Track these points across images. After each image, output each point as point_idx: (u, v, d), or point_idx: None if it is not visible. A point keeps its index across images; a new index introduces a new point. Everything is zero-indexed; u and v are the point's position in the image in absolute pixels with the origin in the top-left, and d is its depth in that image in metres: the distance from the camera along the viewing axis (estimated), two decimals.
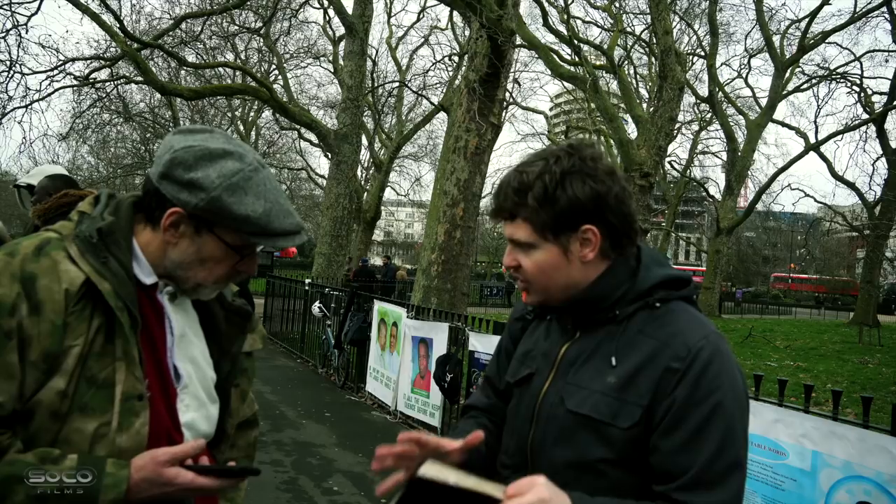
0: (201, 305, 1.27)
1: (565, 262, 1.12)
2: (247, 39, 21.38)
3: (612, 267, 1.14)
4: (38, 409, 1.02)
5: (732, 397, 1.04)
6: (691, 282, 1.17)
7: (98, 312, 1.07)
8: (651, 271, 1.14)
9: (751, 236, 53.13)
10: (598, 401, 1.08)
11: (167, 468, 1.04)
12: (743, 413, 1.06)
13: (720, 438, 1.01)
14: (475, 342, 5.30)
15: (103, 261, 1.08)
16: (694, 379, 1.03)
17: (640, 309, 1.11)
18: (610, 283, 1.13)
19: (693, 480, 1.00)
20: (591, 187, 1.08)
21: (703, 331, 1.08)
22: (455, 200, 8.84)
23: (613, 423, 1.06)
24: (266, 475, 4.66)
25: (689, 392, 1.03)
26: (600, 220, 1.09)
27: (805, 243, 37.17)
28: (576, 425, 1.09)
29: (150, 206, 1.15)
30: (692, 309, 1.14)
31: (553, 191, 1.08)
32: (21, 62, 14.74)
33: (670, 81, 11.13)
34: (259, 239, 1.15)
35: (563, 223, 1.09)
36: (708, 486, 1.00)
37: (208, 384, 1.23)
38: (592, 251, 1.11)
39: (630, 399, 1.05)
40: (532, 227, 1.11)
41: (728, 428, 1.02)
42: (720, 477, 1.00)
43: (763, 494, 2.59)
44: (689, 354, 1.04)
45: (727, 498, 1.01)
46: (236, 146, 1.16)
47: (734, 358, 1.09)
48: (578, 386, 1.11)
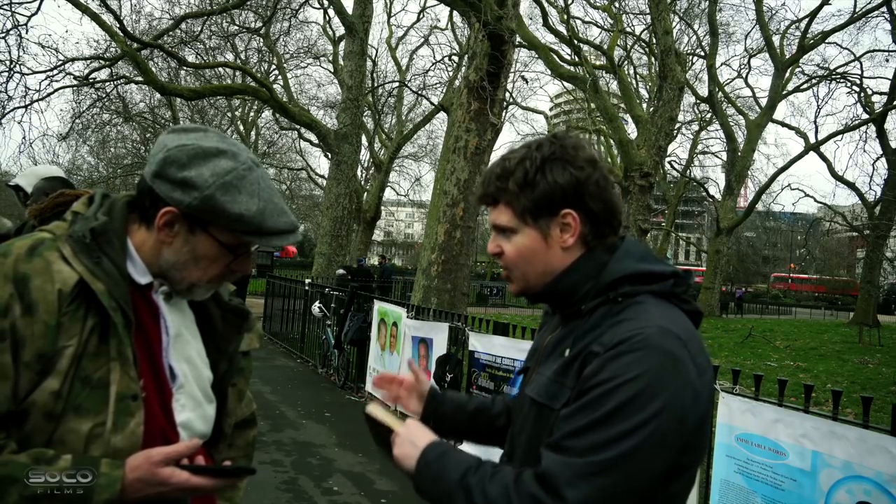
0: (197, 305, 1.26)
1: (545, 246, 1.13)
2: (247, 39, 21.38)
3: (581, 259, 1.13)
4: (32, 409, 1.02)
5: (643, 389, 0.96)
6: (670, 277, 1.11)
7: (92, 312, 1.06)
8: (620, 264, 1.11)
9: (751, 236, 53.09)
10: (542, 384, 1.12)
11: (162, 468, 1.03)
12: (660, 413, 0.95)
13: (599, 419, 0.96)
14: (475, 342, 5.29)
15: (96, 261, 1.08)
16: (602, 360, 1.00)
17: (602, 303, 1.10)
18: (573, 277, 1.13)
19: (553, 442, 1.00)
20: (570, 173, 1.10)
21: (642, 323, 1.02)
22: (455, 200, 8.84)
23: (551, 405, 1.08)
24: (266, 475, 4.65)
25: (593, 371, 1.00)
26: (580, 206, 1.11)
27: (805, 243, 37.18)
28: (529, 410, 1.14)
29: (145, 205, 1.14)
30: (662, 305, 1.08)
31: (533, 176, 1.11)
32: (21, 62, 14.72)
33: (670, 81, 11.12)
34: (253, 238, 1.15)
35: (542, 207, 1.11)
36: (562, 451, 0.98)
37: (204, 384, 1.23)
38: (572, 236, 1.12)
39: (566, 383, 1.07)
40: (513, 212, 1.13)
41: (615, 412, 0.95)
42: (579, 451, 0.96)
43: (763, 494, 2.59)
44: (612, 341, 1.01)
45: (569, 469, 0.95)
46: (230, 145, 1.15)
47: (679, 357, 0.99)
48: (541, 374, 1.15)
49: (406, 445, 1.13)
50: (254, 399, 1.49)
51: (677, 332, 1.02)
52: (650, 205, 12.47)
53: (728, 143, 25.15)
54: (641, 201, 11.99)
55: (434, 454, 1.09)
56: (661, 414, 0.96)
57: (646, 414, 0.95)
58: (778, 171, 24.70)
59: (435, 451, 1.10)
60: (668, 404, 0.97)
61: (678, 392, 0.98)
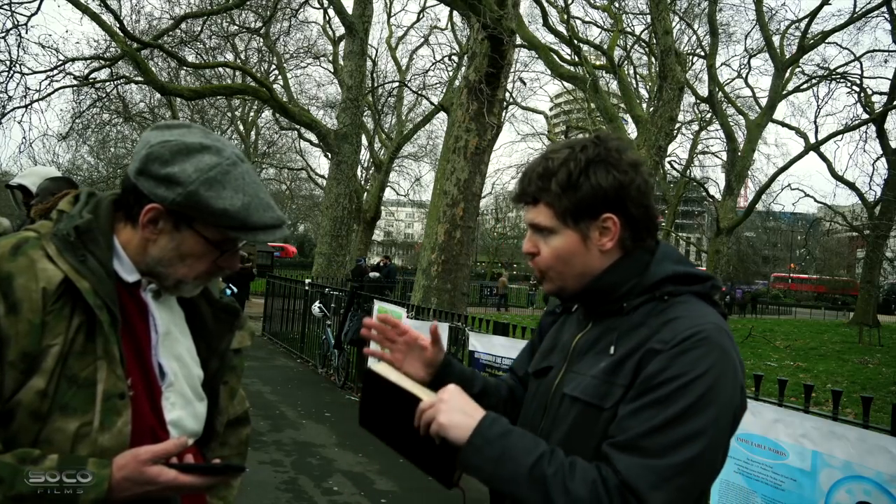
0: (187, 303, 1.25)
1: (583, 248, 1.13)
2: (247, 39, 21.39)
3: (623, 259, 1.14)
4: (17, 409, 1.00)
5: (711, 386, 0.98)
6: (709, 280, 1.15)
7: (78, 311, 1.05)
8: (663, 266, 1.13)
9: (751, 236, 53.10)
10: (589, 384, 1.09)
11: (149, 466, 1.02)
12: (722, 410, 0.99)
13: (674, 416, 0.97)
14: (475, 342, 5.28)
15: (81, 259, 1.07)
16: (669, 357, 1.00)
17: (646, 301, 1.11)
18: (619, 275, 1.13)
19: (626, 442, 0.98)
20: (614, 177, 1.10)
21: (700, 321, 1.04)
22: (455, 200, 8.82)
23: (601, 404, 1.06)
24: (266, 475, 4.65)
25: (660, 367, 1.00)
26: (621, 210, 1.11)
27: (805, 243, 37.20)
28: (570, 408, 1.11)
29: (129, 203, 1.13)
30: (704, 305, 1.11)
31: (577, 177, 1.10)
32: (21, 62, 14.76)
33: (670, 81, 11.11)
34: (239, 233, 1.13)
35: (584, 210, 1.11)
36: (640, 452, 0.97)
37: (195, 382, 1.21)
38: (611, 240, 1.12)
39: (617, 381, 1.06)
40: (553, 212, 1.12)
41: (689, 410, 0.97)
42: (658, 451, 0.96)
43: (763, 494, 2.58)
44: (674, 339, 1.02)
45: (653, 473, 0.95)
46: (214, 140, 1.14)
47: (732, 356, 1.03)
48: (578, 373, 1.14)
49: (455, 413, 1.05)
50: (253, 399, 1.47)
51: (727, 331, 1.06)
52: None
53: (728, 143, 25.12)
54: None
55: (495, 431, 1.03)
56: (724, 409, 1.00)
57: (715, 409, 0.98)
58: (778, 171, 24.69)
59: (495, 427, 1.04)
60: (729, 400, 1.01)
61: (732, 387, 1.02)
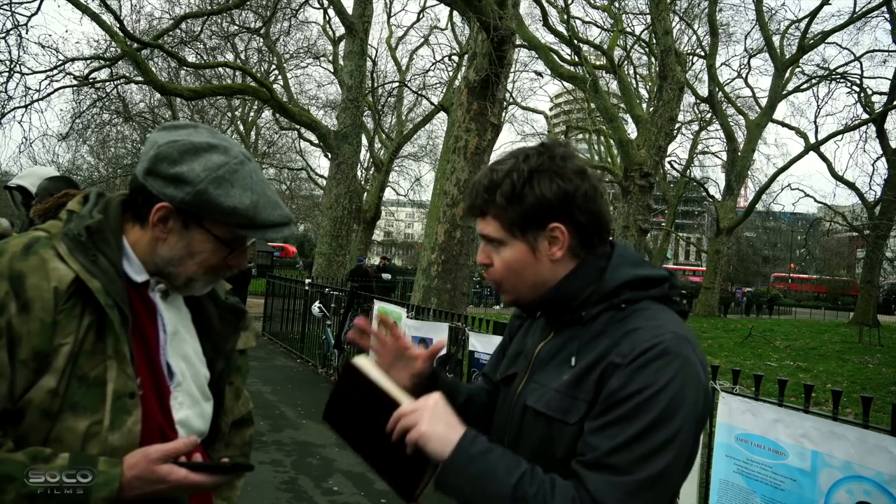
0: (194, 303, 1.26)
1: (533, 259, 1.12)
2: (247, 39, 21.37)
3: (578, 267, 1.13)
4: (28, 408, 1.01)
5: (673, 396, 0.98)
6: (667, 281, 1.14)
7: (88, 310, 1.06)
8: (619, 271, 1.11)
9: (751, 236, 53.11)
10: (552, 398, 1.09)
11: (159, 465, 1.03)
12: (686, 419, 0.99)
13: (639, 432, 0.97)
14: (475, 342, 5.28)
15: (92, 259, 1.08)
16: (630, 372, 1.00)
17: (605, 310, 1.10)
18: (574, 284, 1.12)
19: (594, 460, 0.98)
20: (558, 185, 1.09)
21: (657, 331, 1.03)
22: (455, 200, 8.83)
23: (565, 419, 1.06)
24: (266, 475, 4.65)
25: (622, 382, 1.00)
26: (568, 219, 1.10)
27: (805, 243, 37.19)
28: (534, 422, 1.11)
29: (138, 203, 1.14)
30: (663, 309, 1.10)
31: (521, 188, 1.09)
32: (21, 62, 14.77)
33: (670, 81, 11.12)
34: (247, 231, 1.15)
35: (530, 221, 1.10)
36: (607, 470, 0.97)
37: (202, 382, 1.23)
38: (560, 249, 1.11)
39: (580, 396, 1.05)
40: (501, 224, 1.12)
41: (654, 424, 0.97)
42: (625, 468, 0.96)
43: (763, 494, 2.59)
44: (633, 352, 1.01)
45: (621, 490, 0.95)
46: (221, 140, 1.15)
47: (693, 361, 1.02)
48: (539, 384, 1.13)
49: (439, 424, 1.03)
50: (253, 399, 1.48)
51: (687, 337, 1.05)
52: (650, 205, 12.47)
53: (728, 143, 25.15)
54: (641, 201, 11.98)
55: (477, 448, 1.02)
56: (688, 418, 0.99)
57: (679, 420, 0.98)
58: (778, 171, 24.71)
59: (477, 444, 1.03)
60: (692, 408, 1.00)
61: (696, 395, 1.01)
